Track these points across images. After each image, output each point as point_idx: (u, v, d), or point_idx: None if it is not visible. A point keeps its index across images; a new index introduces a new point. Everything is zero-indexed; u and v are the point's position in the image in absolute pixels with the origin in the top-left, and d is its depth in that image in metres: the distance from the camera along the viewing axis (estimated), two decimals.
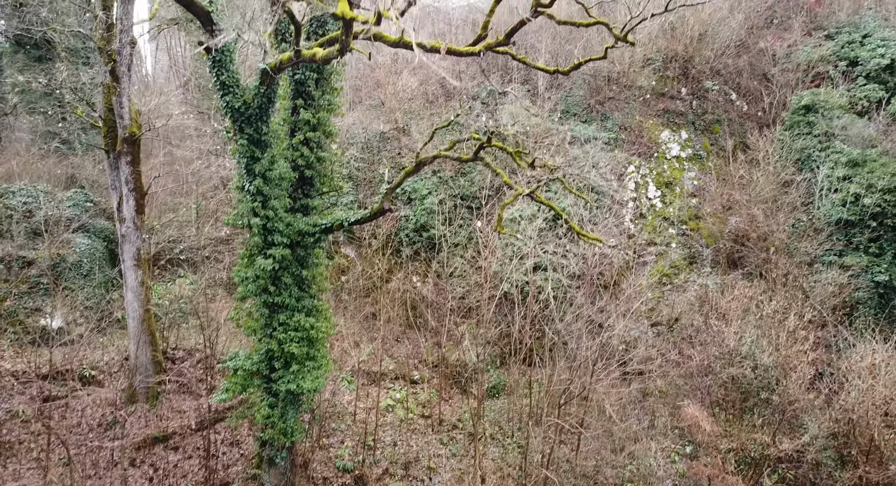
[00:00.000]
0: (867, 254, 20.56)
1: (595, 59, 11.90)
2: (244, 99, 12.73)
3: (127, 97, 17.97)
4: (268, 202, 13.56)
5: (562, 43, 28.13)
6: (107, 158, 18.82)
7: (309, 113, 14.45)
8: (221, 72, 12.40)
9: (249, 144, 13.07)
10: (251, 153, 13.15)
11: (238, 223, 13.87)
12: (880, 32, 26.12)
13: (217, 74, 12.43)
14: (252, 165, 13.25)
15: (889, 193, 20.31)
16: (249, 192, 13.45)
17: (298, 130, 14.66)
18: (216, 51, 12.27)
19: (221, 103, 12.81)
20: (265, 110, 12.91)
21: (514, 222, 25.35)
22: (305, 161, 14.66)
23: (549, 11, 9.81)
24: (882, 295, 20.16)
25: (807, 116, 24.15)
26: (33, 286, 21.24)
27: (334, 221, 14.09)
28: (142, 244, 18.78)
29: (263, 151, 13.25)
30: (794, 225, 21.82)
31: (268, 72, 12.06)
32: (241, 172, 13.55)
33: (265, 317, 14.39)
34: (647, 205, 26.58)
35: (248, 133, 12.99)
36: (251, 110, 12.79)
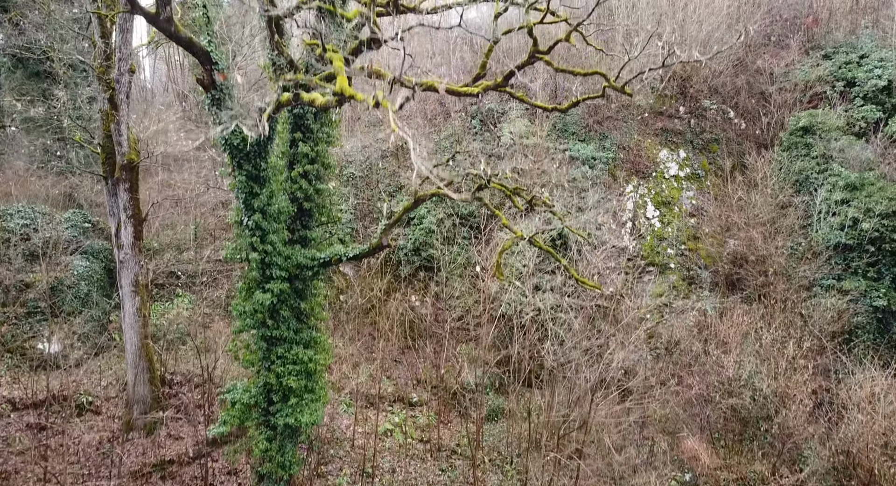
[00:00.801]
0: (865, 278, 20.58)
1: (593, 97, 11.92)
2: (243, 136, 12.72)
3: (125, 124, 17.98)
4: (266, 237, 13.53)
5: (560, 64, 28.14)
6: (105, 184, 18.81)
7: (307, 146, 14.45)
8: (220, 110, 12.40)
9: (248, 180, 13.05)
10: (250, 189, 13.13)
11: (236, 258, 13.85)
12: (877, 53, 26.23)
13: (215, 113, 12.42)
14: (251, 201, 13.22)
15: (887, 219, 20.34)
16: (248, 227, 13.42)
17: (297, 163, 14.66)
18: (215, 89, 12.27)
19: (220, 140, 12.80)
20: (264, 147, 12.90)
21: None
22: (304, 193, 14.65)
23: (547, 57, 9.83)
24: (881, 320, 20.17)
25: (804, 138, 24.22)
26: (31, 311, 21.18)
27: (333, 255, 14.07)
28: (140, 270, 18.75)
29: (262, 186, 13.23)
30: (793, 249, 21.85)
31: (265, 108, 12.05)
32: (239, 206, 13.52)
33: (263, 350, 14.34)
34: (646, 225, 26.61)
35: (247, 169, 12.97)
36: (250, 147, 12.78)
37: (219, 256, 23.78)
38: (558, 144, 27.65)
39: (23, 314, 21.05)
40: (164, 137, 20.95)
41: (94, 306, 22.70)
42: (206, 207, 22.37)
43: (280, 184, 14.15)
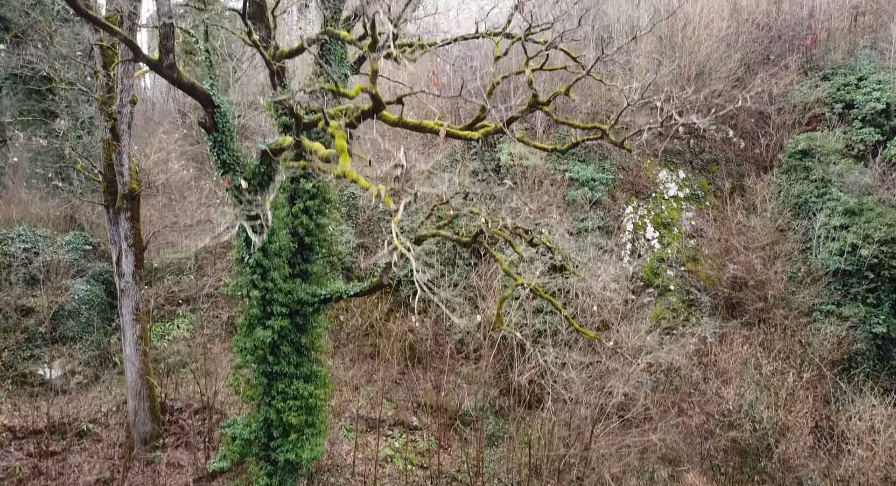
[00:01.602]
0: (865, 304, 20.62)
1: (592, 138, 12.00)
2: (244, 175, 12.79)
3: (127, 154, 18.06)
4: (267, 274, 13.59)
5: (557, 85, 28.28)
6: (106, 213, 18.89)
7: (308, 182, 14.52)
8: (222, 151, 12.47)
9: (249, 219, 13.11)
10: (252, 228, 13.18)
11: (237, 295, 13.90)
12: (876, 75, 26.34)
13: (218, 154, 12.49)
14: (252, 240, 13.28)
15: (886, 245, 20.40)
16: (249, 264, 13.48)
17: (298, 198, 14.73)
18: (217, 131, 12.35)
19: (221, 181, 12.88)
20: (265, 187, 12.97)
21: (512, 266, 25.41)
22: (305, 229, 14.71)
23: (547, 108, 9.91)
24: (880, 347, 20.20)
25: (803, 161, 24.31)
26: (31, 336, 21.20)
27: (333, 292, 14.13)
28: (140, 298, 18.80)
29: None
30: (792, 274, 21.90)
31: (268, 153, 12.15)
32: (240, 244, 13.59)
33: (264, 385, 14.38)
34: (646, 246, 26.67)
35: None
36: (251, 187, 12.85)
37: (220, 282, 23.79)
38: (558, 164, 27.72)
39: (23, 340, 21.07)
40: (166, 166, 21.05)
41: (95, 331, 22.72)
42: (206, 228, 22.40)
43: (281, 219, 14.23)
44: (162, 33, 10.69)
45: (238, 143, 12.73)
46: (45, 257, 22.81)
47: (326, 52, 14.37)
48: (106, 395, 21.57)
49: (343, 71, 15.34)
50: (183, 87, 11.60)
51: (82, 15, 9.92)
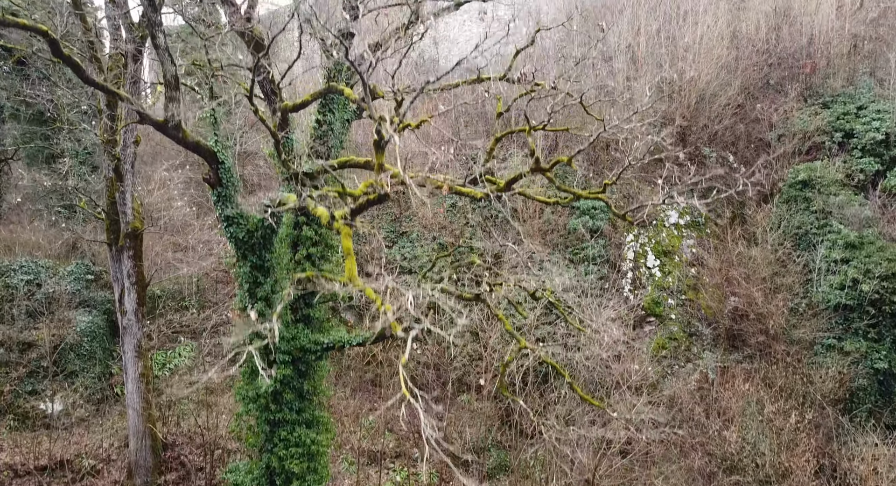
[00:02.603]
0: (866, 339, 20.64)
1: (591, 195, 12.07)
2: (248, 228, 12.86)
3: (130, 194, 18.14)
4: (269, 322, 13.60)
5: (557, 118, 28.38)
6: (109, 250, 18.95)
7: (311, 229, 14.58)
8: (226, 206, 12.54)
9: (252, 270, 13.18)
10: (254, 279, 13.26)
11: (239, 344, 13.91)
12: (875, 105, 26.45)
13: (221, 209, 12.57)
14: (255, 290, 13.34)
15: (886, 281, 20.44)
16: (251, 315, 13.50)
17: (301, 245, 14.78)
18: (221, 186, 12.42)
19: (225, 233, 12.94)
20: (269, 239, 13.05)
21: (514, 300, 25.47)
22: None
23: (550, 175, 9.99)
24: (882, 382, 20.20)
25: (803, 191, 24.38)
26: (34, 371, 21.21)
27: (336, 341, 14.17)
28: (143, 336, 18.84)
29: (266, 275, 13.35)
30: (793, 308, 21.92)
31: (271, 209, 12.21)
32: (242, 294, 13.64)
33: (266, 433, 14.38)
34: (647, 274, 26.71)
35: (252, 260, 13.10)
36: (255, 239, 12.92)
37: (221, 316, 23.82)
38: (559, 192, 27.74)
39: (25, 375, 21.09)
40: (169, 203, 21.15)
41: (97, 363, 22.74)
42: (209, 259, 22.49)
43: (283, 267, 14.28)
44: (167, 96, 10.78)
45: (241, 197, 12.80)
46: (48, 289, 22.87)
47: (329, 101, 14.47)
48: (108, 428, 21.56)
49: (346, 117, 15.45)
50: (188, 146, 11.69)
51: (88, 82, 10.01)
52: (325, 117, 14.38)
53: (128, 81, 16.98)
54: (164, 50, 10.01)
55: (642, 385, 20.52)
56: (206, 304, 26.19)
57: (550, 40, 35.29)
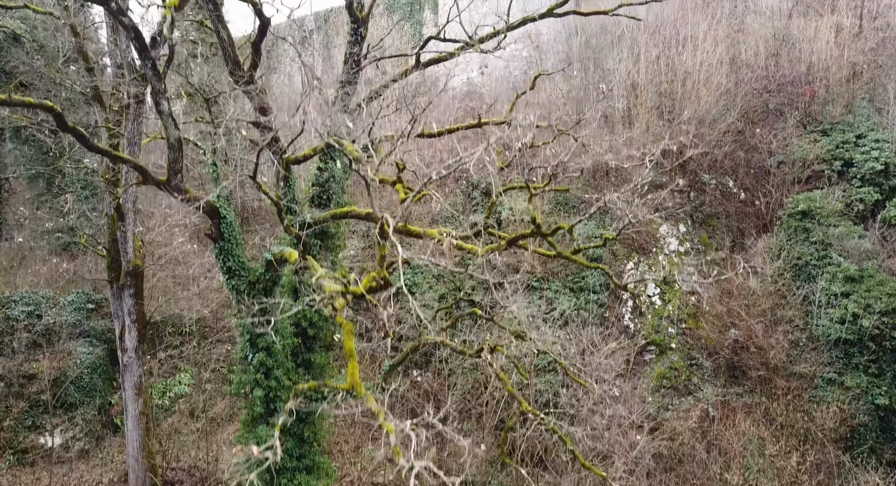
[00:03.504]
0: (867, 374, 20.63)
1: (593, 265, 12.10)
2: (249, 280, 12.90)
3: (131, 233, 18.18)
4: (271, 373, 13.64)
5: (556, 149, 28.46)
6: (110, 287, 18.98)
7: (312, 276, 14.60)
8: (228, 259, 12.59)
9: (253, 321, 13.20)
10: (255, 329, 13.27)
11: (240, 393, 13.94)
12: (874, 134, 26.54)
13: (223, 261, 12.61)
14: (255, 340, 13.37)
15: (886, 316, 20.45)
16: (252, 364, 13.54)
17: (302, 293, 14.80)
18: (223, 240, 12.47)
19: (227, 285, 12.98)
20: (270, 290, 13.07)
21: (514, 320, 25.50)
22: (308, 321, 14.79)
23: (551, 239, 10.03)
24: (882, 418, 20.18)
25: (803, 222, 24.42)
26: (34, 405, 21.19)
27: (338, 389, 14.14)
28: (143, 373, 18.83)
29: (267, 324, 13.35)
30: (794, 342, 21.93)
31: (273, 263, 12.26)
32: (243, 342, 13.66)
33: (266, 482, 14.36)
34: (647, 302, 26.72)
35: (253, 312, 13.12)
36: (256, 291, 12.95)
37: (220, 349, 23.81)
38: (559, 219, 27.85)
39: (26, 408, 21.06)
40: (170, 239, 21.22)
41: (97, 395, 22.72)
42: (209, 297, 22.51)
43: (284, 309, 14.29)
44: (170, 158, 10.84)
45: (243, 249, 12.85)
46: (48, 319, 22.87)
47: (331, 150, 14.53)
48: (107, 462, 21.52)
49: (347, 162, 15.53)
50: (190, 203, 11.74)
51: (92, 149, 10.06)
52: (326, 164, 14.45)
53: (130, 122, 17.07)
54: (168, 115, 10.07)
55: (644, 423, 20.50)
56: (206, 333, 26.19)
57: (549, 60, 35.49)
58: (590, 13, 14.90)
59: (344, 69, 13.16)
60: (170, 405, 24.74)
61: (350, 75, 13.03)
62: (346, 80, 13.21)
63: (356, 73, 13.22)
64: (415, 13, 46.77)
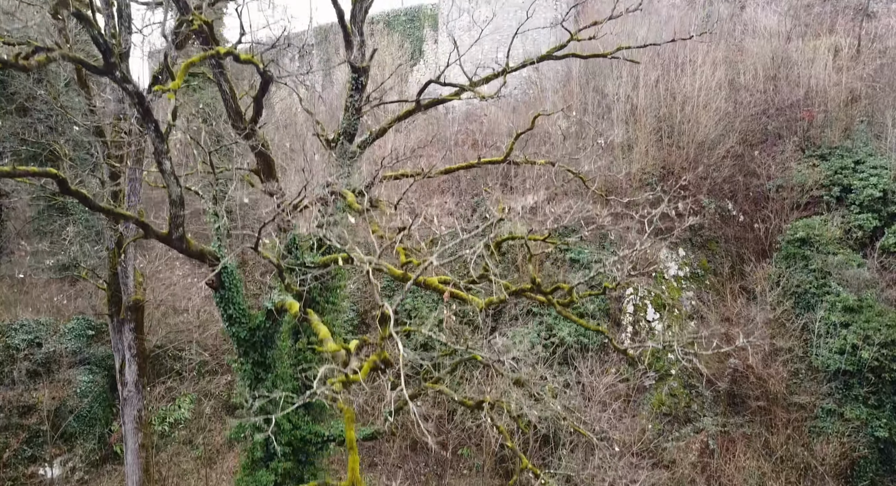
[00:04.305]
0: (867, 406, 20.65)
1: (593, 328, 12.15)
2: (250, 326, 12.94)
3: (132, 266, 18.22)
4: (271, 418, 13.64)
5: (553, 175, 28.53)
6: (110, 321, 18.99)
7: None
8: (228, 307, 12.63)
9: (254, 367, 13.25)
10: (255, 375, 13.31)
11: (239, 438, 13.95)
12: (872, 159, 26.63)
13: (224, 309, 12.65)
14: (256, 385, 13.39)
15: (886, 348, 20.49)
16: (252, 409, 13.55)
17: (302, 334, 14.84)
18: (224, 289, 12.51)
19: (227, 332, 13.02)
20: (270, 337, 13.12)
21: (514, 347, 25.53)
22: (309, 364, 14.81)
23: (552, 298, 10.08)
24: (882, 451, 20.19)
25: (802, 249, 24.48)
26: (33, 435, 21.17)
27: (337, 435, 14.18)
28: (143, 407, 18.83)
29: (268, 372, 13.41)
30: (794, 373, 21.95)
31: (273, 312, 12.31)
32: (243, 388, 13.68)
33: None
34: (647, 328, 26.76)
35: (253, 357, 13.17)
36: (256, 337, 13.00)
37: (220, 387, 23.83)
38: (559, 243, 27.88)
39: (25, 439, 21.05)
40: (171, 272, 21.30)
41: (96, 423, 22.72)
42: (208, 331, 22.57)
43: (285, 362, 14.32)
44: (172, 213, 10.90)
45: (244, 297, 12.89)
46: (48, 347, 22.87)
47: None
48: None
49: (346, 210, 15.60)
50: (192, 255, 11.80)
51: (95, 209, 10.12)
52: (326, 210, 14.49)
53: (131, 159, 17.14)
54: (170, 174, 10.14)
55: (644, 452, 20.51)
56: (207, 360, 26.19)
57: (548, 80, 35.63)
58: (588, 56, 14.97)
59: (345, 116, 13.25)
60: (169, 430, 24.69)
61: (351, 123, 13.11)
62: (347, 127, 13.29)
63: (357, 119, 13.30)
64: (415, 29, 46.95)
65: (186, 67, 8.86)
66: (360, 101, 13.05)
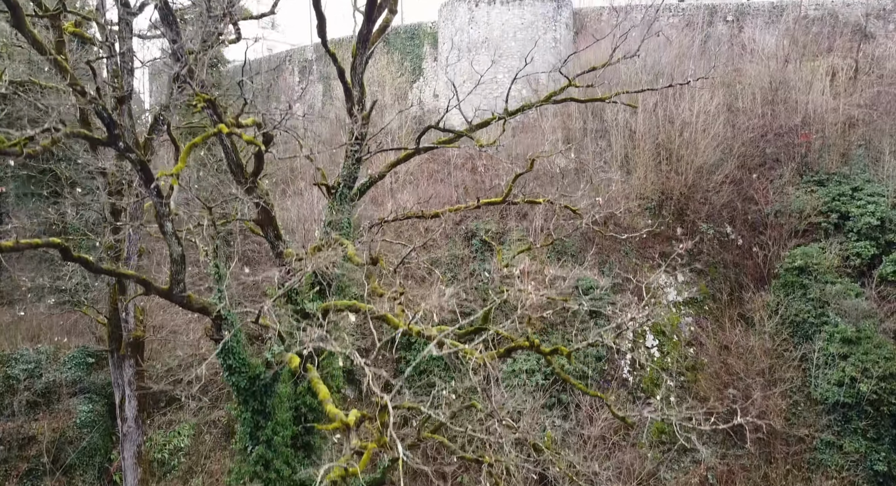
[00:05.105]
0: (865, 439, 20.68)
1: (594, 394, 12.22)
2: (249, 376, 13.00)
3: (132, 304, 18.30)
4: (270, 465, 13.69)
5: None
6: (111, 356, 19.08)
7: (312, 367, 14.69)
8: (229, 357, 12.69)
9: (253, 415, 13.30)
10: (255, 423, 13.37)
11: (239, 484, 13.98)
12: (870, 186, 26.73)
13: (224, 359, 12.72)
14: (255, 433, 13.44)
15: (884, 381, 20.54)
16: (252, 456, 13.60)
17: (302, 379, 14.89)
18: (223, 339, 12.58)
19: (228, 381, 13.08)
20: (270, 386, 13.18)
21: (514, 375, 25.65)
22: (308, 407, 14.85)
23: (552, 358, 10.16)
24: (881, 484, 20.20)
25: (800, 278, 24.55)
26: (33, 468, 21.18)
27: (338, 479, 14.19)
28: (142, 442, 18.87)
29: (268, 420, 13.46)
30: (793, 404, 21.98)
31: (272, 364, 12.38)
32: (243, 434, 13.73)
33: None
34: (645, 354, 26.79)
35: (253, 405, 13.23)
36: (256, 387, 13.05)
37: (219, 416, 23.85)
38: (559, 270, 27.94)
39: (25, 472, 21.05)
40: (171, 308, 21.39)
41: (96, 453, 22.72)
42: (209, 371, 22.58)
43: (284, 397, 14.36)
44: (173, 270, 10.97)
45: (243, 346, 12.96)
46: (48, 377, 22.88)
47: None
48: None
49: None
50: (192, 308, 11.88)
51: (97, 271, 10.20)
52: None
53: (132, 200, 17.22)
54: (172, 235, 10.22)
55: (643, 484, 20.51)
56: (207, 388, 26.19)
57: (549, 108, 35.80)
58: (587, 100, 15.09)
59: (345, 164, 13.36)
60: (168, 458, 24.68)
61: (351, 172, 13.22)
62: (348, 174, 13.40)
63: (357, 168, 13.41)
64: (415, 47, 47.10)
65: (189, 150, 8.97)
66: (360, 150, 13.16)
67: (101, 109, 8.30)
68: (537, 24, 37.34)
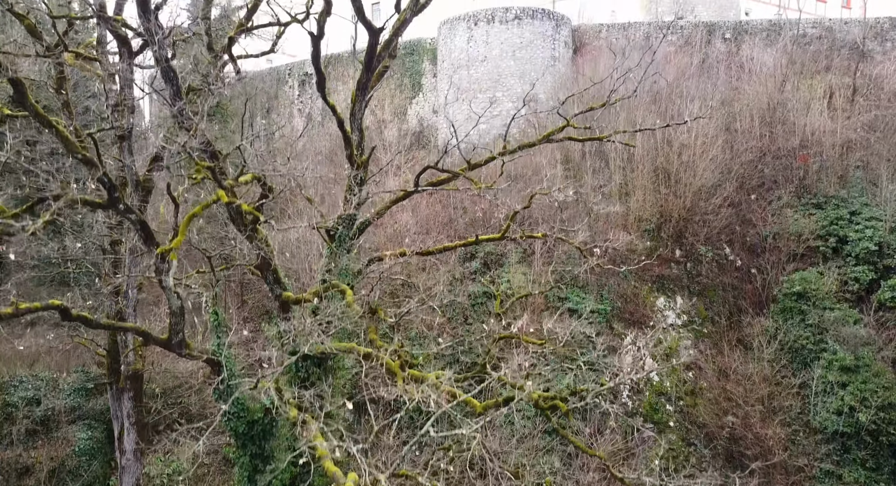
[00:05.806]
0: (865, 469, 20.68)
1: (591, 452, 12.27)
2: (248, 420, 13.02)
3: (132, 336, 18.32)
4: None
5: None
6: (109, 389, 19.10)
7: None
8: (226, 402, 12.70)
9: (252, 459, 13.31)
10: (254, 467, 13.37)
11: None
12: (868, 210, 26.78)
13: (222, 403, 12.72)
14: (254, 477, 13.44)
15: (883, 411, 20.55)
16: None
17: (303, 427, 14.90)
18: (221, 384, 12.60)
19: (226, 426, 13.10)
20: (269, 430, 13.19)
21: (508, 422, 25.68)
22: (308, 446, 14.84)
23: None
24: None
25: (798, 303, 24.57)
26: None
27: None
28: (141, 474, 18.86)
29: (266, 463, 13.46)
30: (792, 433, 21.99)
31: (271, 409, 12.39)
32: (241, 477, 13.72)
33: None
34: (644, 379, 26.77)
35: (251, 449, 13.24)
36: (255, 431, 13.07)
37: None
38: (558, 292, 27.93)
39: None
40: None
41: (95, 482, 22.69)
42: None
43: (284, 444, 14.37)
44: (172, 322, 11.01)
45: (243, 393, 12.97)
46: (47, 404, 22.84)
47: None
48: None
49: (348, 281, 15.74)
50: (193, 358, 11.90)
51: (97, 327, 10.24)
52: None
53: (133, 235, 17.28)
54: (171, 289, 10.27)
55: None
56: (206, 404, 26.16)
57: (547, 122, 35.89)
58: (585, 139, 15.19)
59: (344, 208, 13.41)
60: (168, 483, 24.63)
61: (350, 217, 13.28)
62: (347, 218, 13.45)
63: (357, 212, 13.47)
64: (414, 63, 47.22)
65: (188, 222, 9.04)
66: (358, 196, 13.22)
67: (101, 175, 8.36)
68: (536, 43, 37.49)
